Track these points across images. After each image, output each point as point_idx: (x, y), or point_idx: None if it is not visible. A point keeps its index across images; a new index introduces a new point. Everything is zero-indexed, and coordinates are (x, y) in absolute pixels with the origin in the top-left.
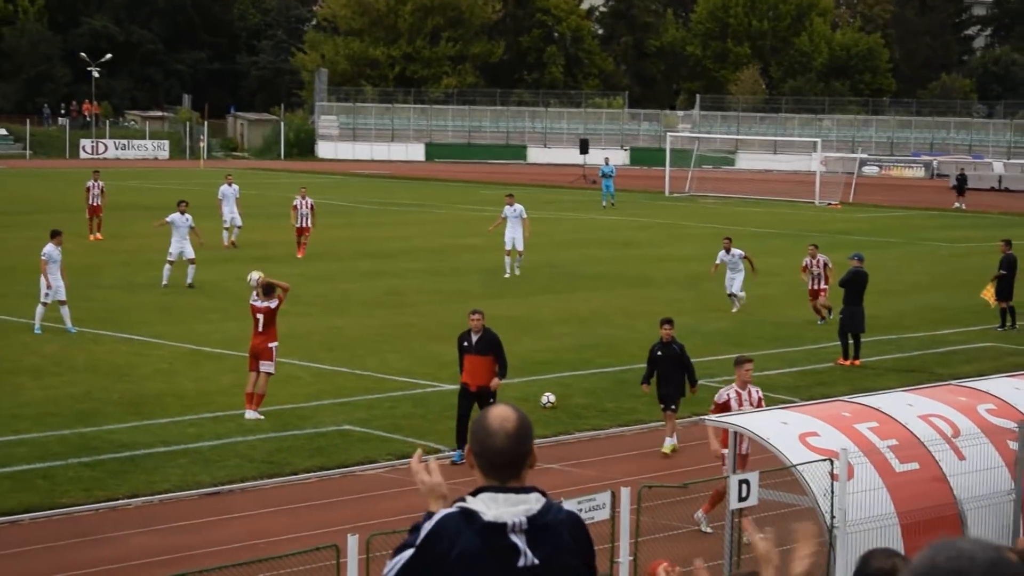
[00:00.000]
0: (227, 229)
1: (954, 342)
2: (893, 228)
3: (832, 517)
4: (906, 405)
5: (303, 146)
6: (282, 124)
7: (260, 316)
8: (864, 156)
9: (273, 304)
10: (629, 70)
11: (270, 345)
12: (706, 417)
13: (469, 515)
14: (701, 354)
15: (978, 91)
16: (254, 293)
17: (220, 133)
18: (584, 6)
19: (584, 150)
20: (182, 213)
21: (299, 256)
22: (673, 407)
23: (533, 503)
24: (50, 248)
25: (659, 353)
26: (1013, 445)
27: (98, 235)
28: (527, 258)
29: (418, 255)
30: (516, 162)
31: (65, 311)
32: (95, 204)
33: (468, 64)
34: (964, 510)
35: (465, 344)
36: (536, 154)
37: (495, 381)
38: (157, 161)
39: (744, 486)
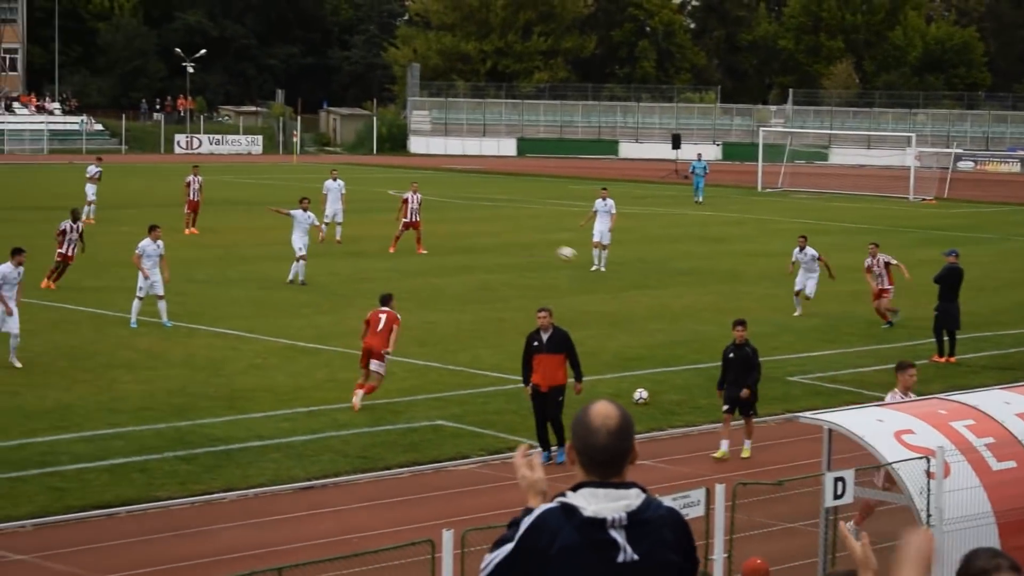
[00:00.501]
0: (326, 224)
1: None
2: (989, 224)
3: (928, 516)
4: (1003, 403)
5: (395, 141)
6: (374, 119)
7: (383, 316)
8: (959, 151)
9: (396, 314)
10: (721, 64)
11: (384, 351)
12: (800, 414)
13: (569, 510)
14: (796, 350)
15: None
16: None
17: (313, 128)
18: (676, 0)
19: (676, 145)
20: (304, 210)
21: (420, 252)
22: (751, 412)
23: (633, 499)
24: (146, 242)
25: (731, 355)
26: None
27: (193, 229)
28: (616, 253)
29: (509, 250)
30: (608, 157)
31: (162, 306)
32: (195, 199)
33: (560, 58)
34: None
35: (536, 344)
36: (628, 149)
37: (577, 387)
38: (251, 156)
39: (839, 483)
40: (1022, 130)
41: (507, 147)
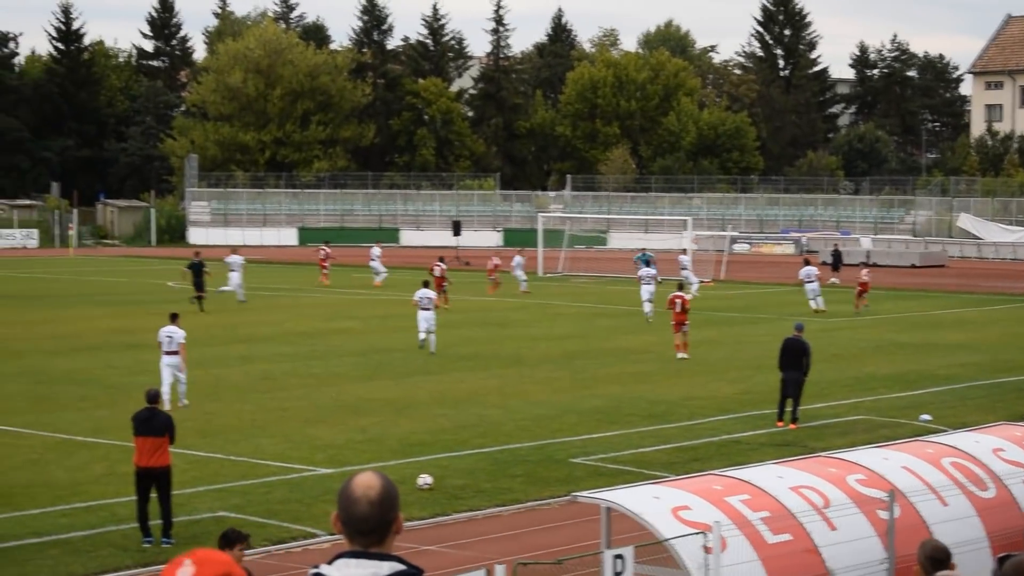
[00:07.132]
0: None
1: (827, 416)
2: (764, 304)
3: None
4: (776, 477)
5: (174, 232)
6: (152, 210)
7: (678, 301)
8: (734, 234)
9: (686, 297)
10: (500, 151)
11: (686, 322)
12: (579, 494)
13: None
14: (578, 432)
15: (844, 168)
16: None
17: (90, 220)
18: (454, 88)
19: (457, 232)
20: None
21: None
22: None
23: (383, 569)
24: None
25: None
26: (883, 515)
27: None
28: (399, 340)
29: (290, 339)
30: (389, 244)
31: None
32: None
33: (339, 147)
34: None
35: None
36: (409, 236)
37: None
38: (26, 250)
39: (619, 561)
40: (794, 212)
41: (288, 237)
